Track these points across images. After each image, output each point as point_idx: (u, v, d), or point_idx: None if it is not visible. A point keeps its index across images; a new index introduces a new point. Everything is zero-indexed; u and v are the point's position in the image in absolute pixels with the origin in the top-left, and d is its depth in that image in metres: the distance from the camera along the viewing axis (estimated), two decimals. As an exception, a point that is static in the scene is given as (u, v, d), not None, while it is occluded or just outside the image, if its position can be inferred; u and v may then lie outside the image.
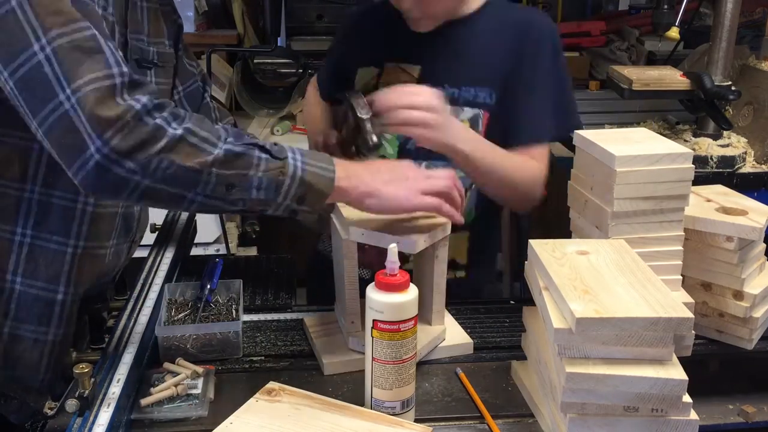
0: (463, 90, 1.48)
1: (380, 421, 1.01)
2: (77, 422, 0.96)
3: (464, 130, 1.37)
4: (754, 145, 2.33)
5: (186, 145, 0.99)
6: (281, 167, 1.05)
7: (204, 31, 3.37)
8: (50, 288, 1.16)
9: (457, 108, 1.48)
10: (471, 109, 1.48)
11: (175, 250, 1.49)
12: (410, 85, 1.34)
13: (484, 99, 1.48)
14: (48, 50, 0.95)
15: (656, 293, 0.98)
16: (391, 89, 1.28)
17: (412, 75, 1.50)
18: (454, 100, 1.47)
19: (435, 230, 1.19)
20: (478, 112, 1.48)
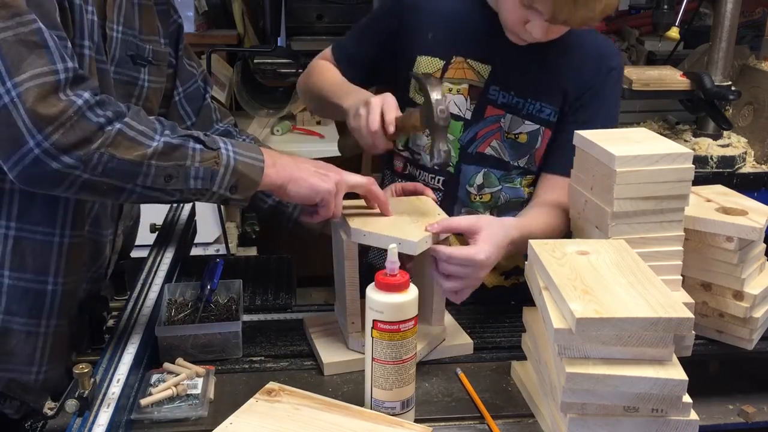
0: (528, 102, 1.44)
1: (380, 421, 1.01)
2: (77, 422, 0.96)
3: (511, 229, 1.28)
4: (754, 145, 2.33)
5: (125, 138, 1.02)
6: (215, 157, 1.09)
7: (204, 31, 3.37)
8: (39, 280, 1.16)
9: (517, 119, 1.45)
10: (532, 123, 1.45)
11: (175, 250, 1.49)
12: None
13: (548, 116, 1.45)
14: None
15: (656, 293, 0.98)
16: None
17: (482, 74, 1.45)
18: (518, 110, 1.45)
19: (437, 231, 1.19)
20: (539, 129, 1.45)
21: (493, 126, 1.45)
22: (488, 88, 1.45)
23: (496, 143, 1.46)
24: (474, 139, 1.47)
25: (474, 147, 1.47)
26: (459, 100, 1.46)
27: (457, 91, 1.46)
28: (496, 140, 1.46)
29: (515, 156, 1.47)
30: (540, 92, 1.44)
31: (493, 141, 1.46)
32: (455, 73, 1.46)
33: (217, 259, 1.42)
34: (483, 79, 1.45)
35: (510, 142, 1.46)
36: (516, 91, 1.44)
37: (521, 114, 1.44)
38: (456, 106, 1.46)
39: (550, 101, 1.44)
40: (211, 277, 1.34)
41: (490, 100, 1.45)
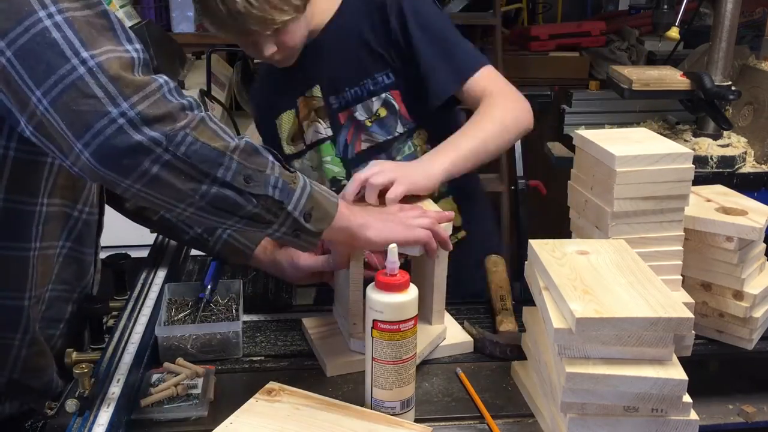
0: (362, 85, 1.51)
1: (380, 421, 1.01)
2: (77, 422, 0.96)
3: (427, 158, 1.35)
4: (754, 145, 2.33)
5: (208, 128, 0.96)
6: (293, 177, 1.03)
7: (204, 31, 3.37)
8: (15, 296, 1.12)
9: (366, 102, 1.52)
10: (378, 97, 1.51)
11: (174, 250, 1.49)
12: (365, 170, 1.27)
13: (383, 81, 1.51)
14: (58, 18, 0.90)
15: (656, 293, 0.98)
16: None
17: (318, 96, 1.56)
18: (360, 98, 1.52)
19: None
20: (385, 95, 1.51)
21: (352, 125, 1.54)
22: (327, 100, 1.55)
23: (364, 135, 1.54)
24: (347, 146, 1.56)
25: (351, 152, 1.56)
26: (317, 126, 1.58)
27: (312, 121, 1.58)
28: (363, 133, 1.54)
29: (388, 130, 1.53)
30: (362, 71, 1.51)
31: (361, 135, 1.54)
32: (303, 111, 1.59)
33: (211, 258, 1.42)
34: (321, 99, 1.55)
35: (377, 123, 1.53)
36: (347, 84, 1.52)
37: (365, 97, 1.52)
38: (318, 133, 1.58)
39: (374, 71, 1.50)
40: (209, 277, 1.34)
41: (335, 110, 1.55)
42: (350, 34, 1.50)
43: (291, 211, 1.01)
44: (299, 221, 1.02)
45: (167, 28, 3.24)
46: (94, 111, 0.88)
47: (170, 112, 0.92)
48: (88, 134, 0.89)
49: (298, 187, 1.02)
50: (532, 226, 2.77)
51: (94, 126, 0.88)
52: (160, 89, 0.93)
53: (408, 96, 1.52)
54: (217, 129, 0.97)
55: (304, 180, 1.05)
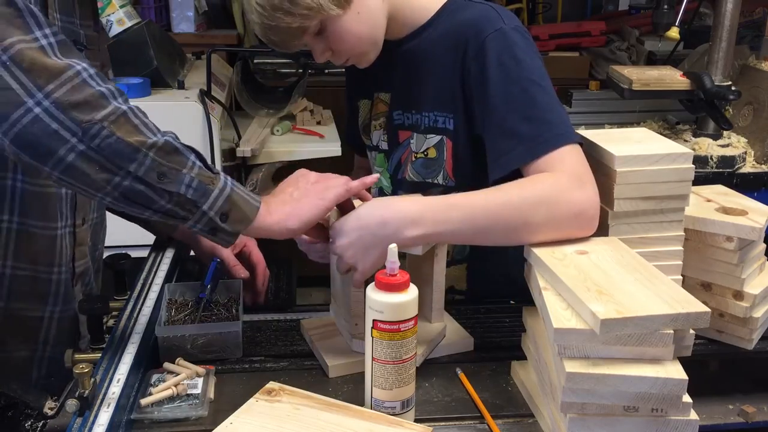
0: (425, 116, 1.38)
1: (380, 421, 1.01)
2: (77, 422, 0.96)
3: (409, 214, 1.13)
4: (754, 145, 2.33)
5: (128, 122, 0.97)
6: (213, 178, 1.04)
7: (204, 31, 3.38)
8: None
9: (421, 136, 1.40)
10: (434, 135, 1.38)
11: (175, 250, 1.49)
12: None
13: (444, 124, 1.36)
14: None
15: (666, 289, 0.98)
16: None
17: (387, 103, 1.46)
18: (418, 126, 1.40)
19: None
20: (442, 139, 1.37)
21: (408, 149, 1.44)
22: (392, 113, 1.45)
23: (410, 168, 1.44)
24: (399, 165, 1.47)
25: (401, 173, 1.47)
26: (379, 134, 1.50)
27: (378, 126, 1.50)
28: (410, 164, 1.44)
29: (428, 174, 1.41)
30: (429, 102, 1.37)
31: (408, 166, 1.45)
32: (376, 109, 1.50)
33: (213, 258, 1.42)
34: (388, 107, 1.46)
35: (422, 161, 1.41)
36: (415, 108, 1.40)
37: (421, 129, 1.40)
38: (379, 139, 1.50)
39: (440, 109, 1.36)
40: (210, 277, 1.34)
41: (396, 125, 1.45)
42: (427, 54, 1.35)
43: (206, 211, 1.03)
44: (214, 221, 1.05)
45: (167, 28, 3.25)
46: (11, 102, 0.92)
47: (88, 100, 0.94)
48: (6, 124, 0.92)
49: (216, 188, 1.04)
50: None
51: (11, 116, 0.92)
52: (78, 75, 0.94)
53: (459, 151, 1.36)
54: (139, 124, 0.99)
55: (225, 182, 1.05)
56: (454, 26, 1.32)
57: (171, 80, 2.42)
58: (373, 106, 1.50)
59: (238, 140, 2.63)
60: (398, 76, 1.42)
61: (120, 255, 1.40)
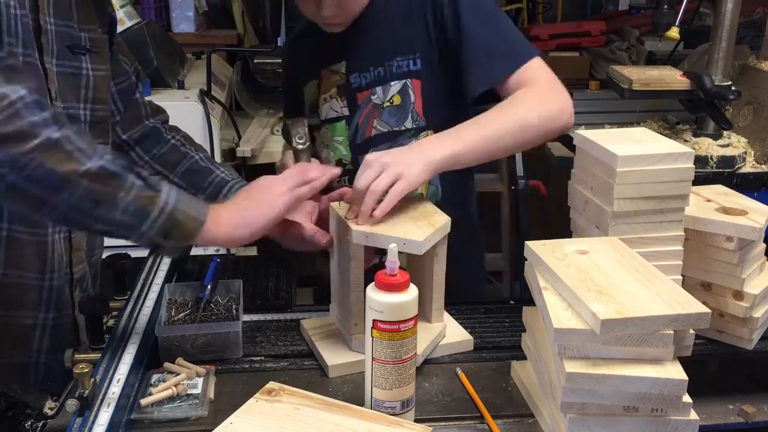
0: (387, 66, 1.47)
1: (380, 421, 1.01)
2: (77, 422, 0.96)
3: (429, 141, 1.32)
4: (754, 145, 2.33)
5: (60, 150, 0.97)
6: (152, 197, 1.04)
7: (204, 31, 3.37)
8: None
9: (386, 86, 1.48)
10: (398, 81, 1.47)
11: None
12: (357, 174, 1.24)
13: (408, 66, 1.46)
14: None
15: (667, 289, 0.99)
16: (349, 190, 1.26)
17: (341, 72, 1.52)
18: (383, 78, 1.48)
19: (437, 230, 1.19)
20: (405, 82, 1.47)
21: (367, 108, 1.50)
22: (349, 78, 1.51)
23: (376, 122, 1.50)
24: (357, 129, 1.52)
25: (360, 137, 1.52)
26: (333, 104, 1.54)
27: (330, 97, 1.54)
28: (375, 119, 1.50)
29: (397, 121, 1.49)
30: (391, 50, 1.46)
31: (373, 121, 1.51)
32: (325, 83, 1.55)
33: (213, 258, 1.42)
34: (343, 75, 1.51)
35: (387, 110, 1.49)
36: (373, 63, 1.47)
37: (386, 79, 1.47)
38: (333, 110, 1.54)
39: (402, 52, 1.45)
40: (209, 277, 1.34)
41: (355, 89, 1.51)
42: (384, 6, 1.45)
43: (144, 231, 1.04)
44: (155, 240, 1.06)
45: (167, 28, 3.24)
46: None
47: (19, 132, 0.94)
48: None
49: (155, 209, 1.04)
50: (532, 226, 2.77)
51: None
52: (11, 105, 0.94)
53: (428, 89, 1.46)
54: (72, 150, 0.98)
55: (167, 200, 1.05)
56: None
57: (171, 80, 2.42)
58: (322, 83, 1.55)
59: (238, 140, 2.63)
60: (353, 40, 1.48)
61: (120, 255, 1.40)
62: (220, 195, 1.40)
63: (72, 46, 1.22)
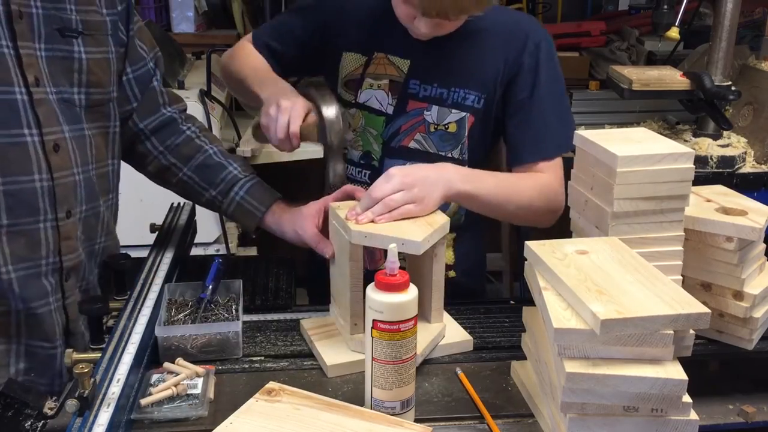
0: (452, 91, 1.47)
1: (380, 421, 1.01)
2: (77, 422, 0.95)
3: (454, 171, 1.32)
4: (754, 145, 2.33)
5: None
6: None
7: (204, 31, 3.37)
8: None
9: (444, 109, 1.47)
10: (458, 111, 1.47)
11: (175, 250, 1.49)
12: (376, 183, 1.24)
13: (472, 102, 1.47)
14: None
15: (667, 289, 0.99)
16: (364, 193, 1.25)
17: (401, 69, 1.49)
18: (442, 100, 1.47)
19: (436, 230, 1.19)
20: (465, 116, 1.48)
21: (416, 119, 1.49)
22: (408, 82, 1.48)
23: (420, 136, 1.49)
24: (397, 133, 1.50)
25: (397, 141, 1.50)
26: (380, 95, 1.50)
27: (378, 86, 1.50)
28: (420, 133, 1.49)
29: (446, 147, 1.49)
30: (462, 80, 1.47)
31: (416, 134, 1.50)
32: (376, 68, 1.50)
33: (215, 258, 1.42)
34: (403, 74, 1.48)
35: (440, 134, 1.48)
36: (439, 82, 1.47)
37: (446, 104, 1.47)
38: (377, 101, 1.50)
39: (473, 87, 1.47)
40: (210, 276, 1.34)
41: (410, 94, 1.48)
42: (475, 38, 1.46)
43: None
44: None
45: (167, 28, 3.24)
46: None
47: None
48: None
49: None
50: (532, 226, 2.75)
51: None
52: None
53: (478, 129, 1.48)
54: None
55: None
56: (506, 20, 1.49)
57: (171, 80, 2.42)
58: (372, 64, 1.50)
59: (238, 140, 2.63)
60: (423, 47, 1.45)
61: (120, 255, 1.40)
62: (231, 192, 1.44)
63: (62, 29, 1.22)
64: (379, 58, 1.50)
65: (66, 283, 1.27)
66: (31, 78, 1.18)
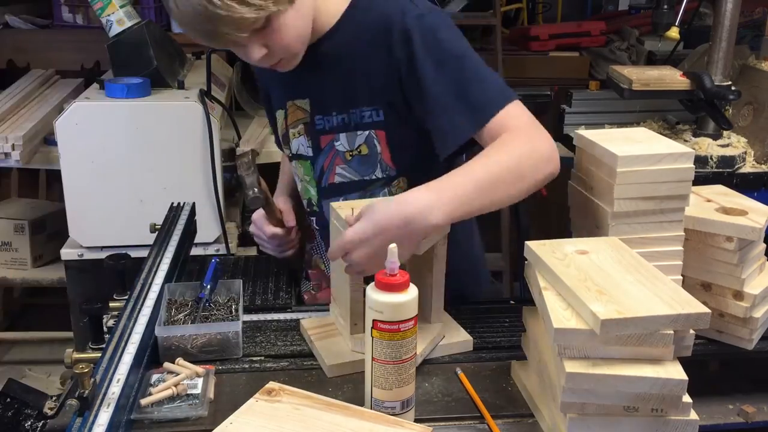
0: (351, 113, 1.38)
1: (380, 421, 1.01)
2: (77, 422, 0.95)
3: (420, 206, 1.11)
4: (754, 145, 2.33)
5: None
6: None
7: (204, 31, 3.36)
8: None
9: (351, 134, 1.39)
10: (362, 131, 1.38)
11: (175, 250, 1.49)
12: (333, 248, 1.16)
13: (371, 117, 1.37)
14: None
15: (667, 289, 0.99)
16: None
17: (305, 109, 1.44)
18: (345, 126, 1.39)
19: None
20: (369, 133, 1.38)
21: (331, 153, 1.43)
22: (314, 119, 1.43)
23: (340, 168, 1.43)
24: (323, 172, 1.46)
25: (325, 180, 1.46)
26: (302, 141, 1.48)
27: (298, 133, 1.49)
28: (338, 165, 1.43)
29: (367, 171, 1.41)
30: (353, 99, 1.37)
31: (336, 168, 1.44)
32: (291, 117, 1.48)
33: (212, 258, 1.42)
34: (308, 113, 1.44)
35: (357, 159, 1.41)
36: (336, 109, 1.39)
37: (351, 128, 1.39)
38: (303, 147, 1.49)
39: (364, 103, 1.36)
40: (209, 277, 1.34)
41: (318, 131, 1.43)
42: (345, 53, 1.35)
43: None
44: None
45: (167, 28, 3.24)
46: None
47: None
48: None
49: None
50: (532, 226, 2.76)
51: None
52: None
53: (395, 139, 1.37)
54: None
55: None
56: (371, 21, 1.32)
57: (171, 80, 2.42)
58: (288, 115, 1.48)
59: (238, 140, 2.63)
60: (315, 80, 1.39)
61: (120, 255, 1.40)
62: None
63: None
64: (291, 107, 1.47)
65: None
66: None
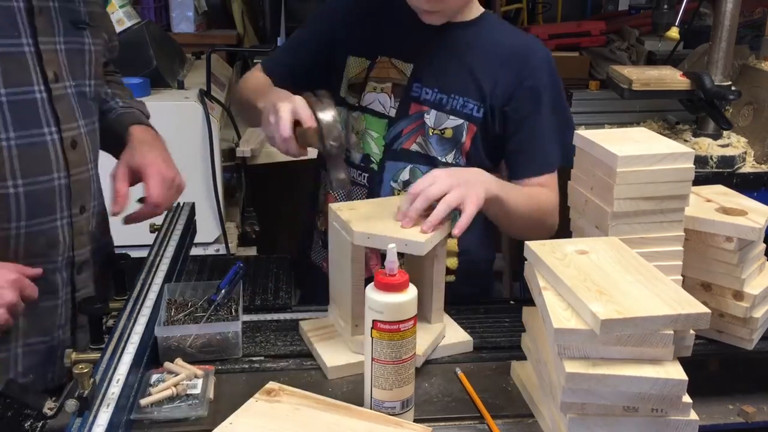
0: (451, 98, 1.47)
1: (380, 421, 1.01)
2: (77, 422, 0.95)
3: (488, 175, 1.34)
4: (754, 145, 2.33)
5: None
6: None
7: (204, 31, 3.37)
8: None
9: (442, 114, 1.47)
10: (456, 118, 1.47)
11: (174, 250, 1.49)
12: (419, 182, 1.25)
13: (471, 111, 1.47)
14: None
15: (667, 289, 0.99)
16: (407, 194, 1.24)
17: (404, 72, 1.49)
18: (441, 105, 1.47)
19: (438, 230, 1.19)
20: (463, 123, 1.48)
21: (417, 122, 1.49)
22: (411, 85, 1.49)
23: (422, 139, 1.49)
24: (399, 136, 1.50)
25: (399, 144, 1.50)
26: (383, 98, 1.50)
27: (381, 89, 1.50)
28: (421, 136, 1.49)
29: (442, 151, 1.49)
30: (463, 88, 1.47)
31: (418, 137, 1.49)
32: (380, 72, 1.51)
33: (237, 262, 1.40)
34: (406, 77, 1.49)
35: (436, 138, 1.48)
36: (439, 87, 1.47)
37: (445, 110, 1.48)
38: (380, 104, 1.50)
39: (472, 96, 1.47)
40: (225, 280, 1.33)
41: (413, 98, 1.48)
42: (478, 46, 1.47)
43: None
44: None
45: (167, 28, 3.24)
46: None
47: None
48: None
49: None
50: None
51: None
52: None
53: (480, 139, 1.49)
54: None
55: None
56: (514, 42, 1.50)
57: (171, 80, 2.42)
58: (375, 67, 1.51)
59: (237, 140, 2.63)
60: (429, 51, 1.47)
61: (120, 255, 1.40)
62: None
63: (74, 21, 1.24)
64: (383, 62, 1.50)
65: (78, 276, 1.29)
66: (50, 74, 1.19)
